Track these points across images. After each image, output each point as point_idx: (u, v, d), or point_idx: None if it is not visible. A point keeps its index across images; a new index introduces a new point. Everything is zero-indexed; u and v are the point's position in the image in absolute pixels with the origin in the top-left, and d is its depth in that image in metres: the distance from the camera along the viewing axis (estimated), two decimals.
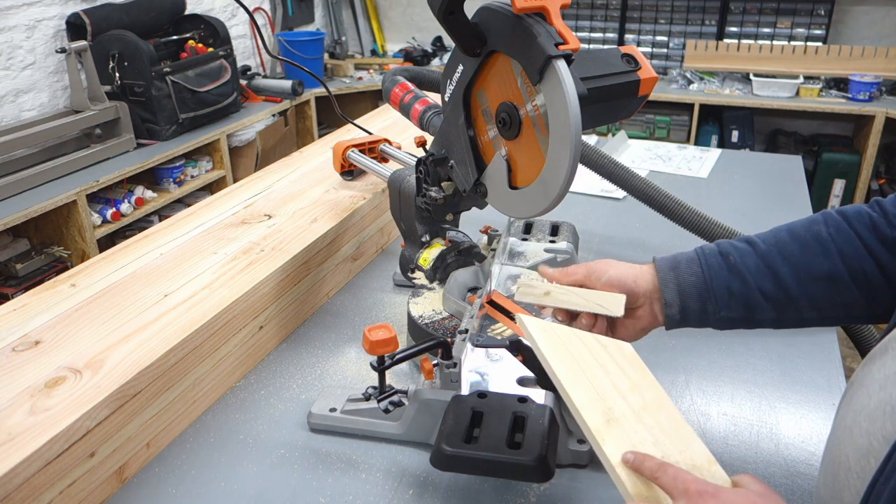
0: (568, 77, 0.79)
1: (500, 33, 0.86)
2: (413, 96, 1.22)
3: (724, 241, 0.88)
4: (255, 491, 0.88)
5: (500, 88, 0.90)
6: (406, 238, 1.20)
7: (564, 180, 0.83)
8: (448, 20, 0.86)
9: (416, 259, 1.15)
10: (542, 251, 1.28)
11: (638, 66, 0.96)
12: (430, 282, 1.15)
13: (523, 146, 0.89)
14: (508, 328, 1.02)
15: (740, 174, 1.95)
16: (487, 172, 0.97)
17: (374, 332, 0.87)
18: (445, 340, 0.91)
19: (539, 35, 0.80)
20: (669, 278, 0.86)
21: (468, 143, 0.98)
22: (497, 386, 0.92)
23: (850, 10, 3.88)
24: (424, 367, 0.90)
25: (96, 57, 2.87)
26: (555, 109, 0.81)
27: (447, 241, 1.17)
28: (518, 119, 0.88)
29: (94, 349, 0.95)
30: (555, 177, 0.84)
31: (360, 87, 4.20)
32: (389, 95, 1.26)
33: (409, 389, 0.94)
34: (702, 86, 3.91)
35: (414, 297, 1.18)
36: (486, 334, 1.02)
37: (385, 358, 0.89)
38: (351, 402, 0.98)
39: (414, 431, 0.94)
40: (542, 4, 0.81)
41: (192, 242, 1.27)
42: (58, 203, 2.48)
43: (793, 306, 0.82)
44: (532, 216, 0.92)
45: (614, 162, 1.36)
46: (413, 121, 1.21)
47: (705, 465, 0.70)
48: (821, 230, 0.82)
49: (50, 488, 0.79)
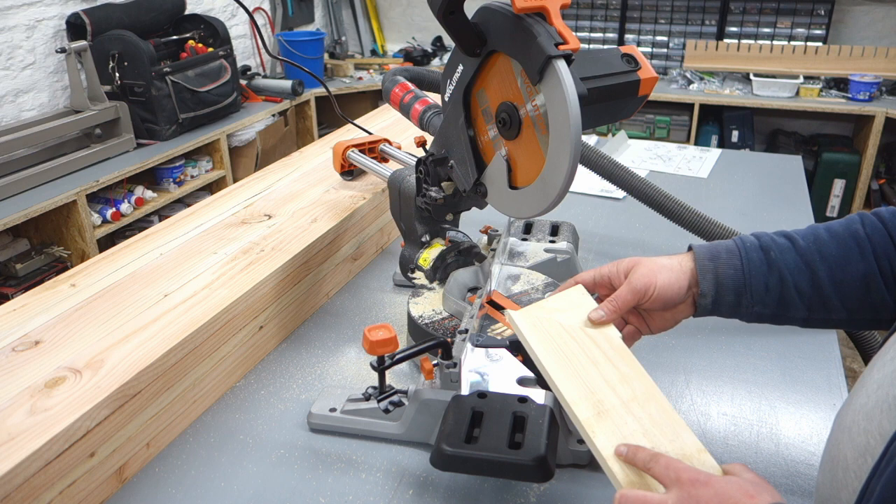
0: (568, 77, 0.79)
1: (500, 33, 0.86)
2: (413, 96, 1.22)
3: (765, 233, 0.87)
4: (255, 491, 0.88)
5: (500, 88, 0.90)
6: (406, 238, 1.20)
7: (564, 180, 0.83)
8: (448, 20, 0.86)
9: (416, 259, 1.15)
10: (541, 251, 1.28)
11: (638, 66, 0.95)
12: (429, 282, 1.15)
13: (523, 146, 0.89)
14: (508, 328, 1.02)
15: (740, 174, 1.95)
16: (487, 172, 0.97)
17: (374, 332, 0.87)
18: (445, 340, 0.91)
19: (539, 35, 0.80)
20: (708, 269, 0.84)
21: (468, 143, 0.98)
22: (497, 386, 0.92)
23: (850, 10, 3.88)
24: (424, 367, 0.90)
25: (96, 57, 2.87)
26: (555, 109, 0.81)
27: (447, 241, 1.17)
28: (518, 119, 0.87)
29: (94, 349, 0.95)
30: (555, 177, 0.84)
31: (360, 87, 4.20)
32: (389, 95, 1.25)
33: (410, 389, 0.94)
34: (702, 86, 3.91)
35: (414, 297, 1.18)
36: (486, 334, 1.02)
37: (385, 358, 0.89)
38: (351, 403, 0.98)
39: (414, 431, 0.94)
40: (542, 4, 0.81)
41: (192, 242, 1.27)
42: (58, 203, 2.48)
43: (825, 306, 0.82)
44: (532, 216, 0.92)
45: (614, 162, 1.36)
46: (413, 121, 1.21)
47: (695, 454, 0.70)
48: (858, 230, 0.82)
49: (50, 488, 0.79)
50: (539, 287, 1.17)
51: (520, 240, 1.33)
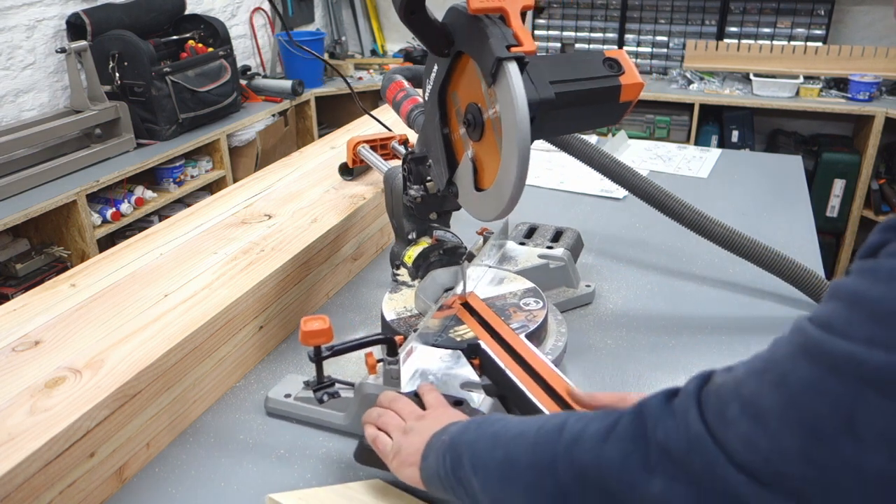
0: (517, 80, 0.77)
1: (462, 34, 0.86)
2: (404, 94, 1.22)
3: None
4: (255, 491, 0.88)
5: (468, 90, 0.90)
6: (396, 235, 1.22)
7: (514, 186, 0.81)
8: (410, 20, 0.87)
9: (402, 256, 1.16)
10: (535, 257, 1.27)
11: (621, 71, 0.93)
12: (412, 279, 1.17)
13: (486, 148, 0.89)
14: (471, 331, 1.02)
15: (740, 174, 1.95)
16: (458, 173, 0.97)
17: (309, 322, 0.88)
18: (391, 337, 0.91)
19: (491, 36, 0.79)
20: None
21: (442, 142, 0.98)
22: (440, 387, 0.92)
23: (850, 10, 3.88)
24: (368, 361, 0.91)
25: (96, 57, 2.86)
26: (505, 113, 0.80)
27: (434, 239, 1.17)
28: (482, 121, 0.87)
29: (94, 349, 0.95)
30: (506, 181, 0.82)
31: (360, 86, 4.19)
32: (386, 93, 1.26)
33: (357, 383, 0.95)
34: (702, 86, 3.91)
35: (392, 292, 1.18)
36: (445, 335, 1.02)
37: (322, 349, 0.89)
38: (305, 390, 0.99)
39: (357, 424, 0.93)
40: (500, 5, 0.80)
41: (192, 242, 1.27)
42: (58, 203, 2.47)
43: None
44: (491, 219, 0.91)
45: (615, 160, 1.35)
46: (402, 118, 1.22)
47: None
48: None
49: (50, 488, 0.79)
50: (518, 293, 1.15)
51: (518, 244, 1.32)
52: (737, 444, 0.47)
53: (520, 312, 1.09)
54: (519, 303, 1.12)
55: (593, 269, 1.41)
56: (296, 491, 0.85)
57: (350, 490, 0.85)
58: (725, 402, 0.50)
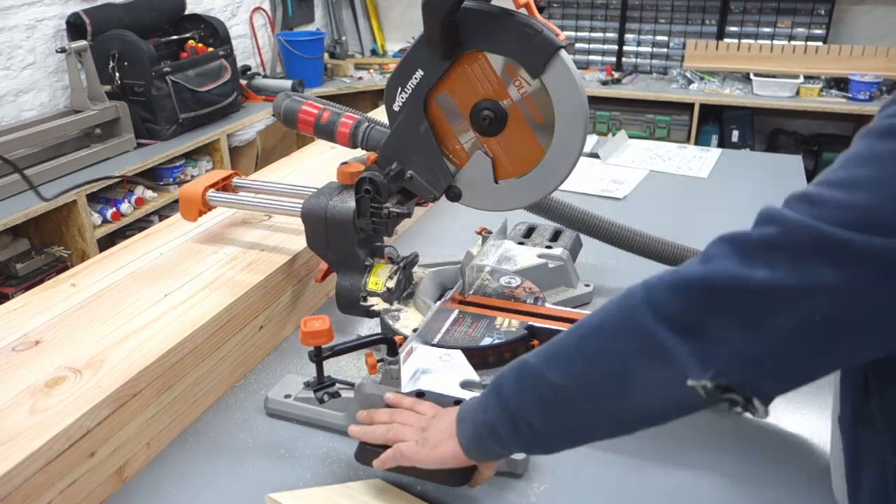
0: (573, 64, 0.85)
1: (485, 32, 0.87)
2: (332, 113, 1.11)
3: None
4: (255, 491, 0.87)
5: (473, 88, 0.90)
6: (340, 268, 1.13)
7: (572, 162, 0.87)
8: (448, 22, 0.87)
9: (364, 286, 1.12)
10: (534, 257, 1.27)
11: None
12: (389, 304, 1.12)
13: (510, 139, 0.89)
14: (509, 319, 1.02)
15: (740, 174, 1.95)
16: (462, 174, 0.96)
17: (309, 322, 0.88)
18: (391, 337, 0.91)
19: (543, 29, 0.83)
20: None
21: (435, 149, 0.97)
22: (438, 386, 0.92)
23: (850, 10, 3.88)
24: (368, 361, 0.91)
25: (96, 57, 2.86)
26: (563, 96, 0.84)
27: (386, 257, 1.15)
28: (503, 113, 0.88)
29: (94, 349, 0.95)
30: (563, 159, 0.86)
31: (360, 87, 4.19)
32: (295, 120, 1.13)
33: (357, 383, 0.95)
34: (702, 86, 3.91)
35: (393, 322, 1.11)
36: (492, 333, 1.02)
37: (322, 349, 0.89)
38: (305, 391, 0.99)
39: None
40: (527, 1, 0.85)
41: (192, 242, 1.27)
42: (58, 203, 2.47)
43: None
44: (526, 205, 0.93)
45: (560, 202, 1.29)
46: (338, 140, 1.11)
47: None
48: None
49: (50, 488, 0.79)
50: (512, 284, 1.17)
51: (516, 243, 1.32)
52: (833, 211, 0.54)
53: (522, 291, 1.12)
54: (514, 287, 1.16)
55: (592, 269, 1.41)
56: (296, 491, 0.85)
57: (350, 490, 0.85)
58: (811, 194, 0.57)
